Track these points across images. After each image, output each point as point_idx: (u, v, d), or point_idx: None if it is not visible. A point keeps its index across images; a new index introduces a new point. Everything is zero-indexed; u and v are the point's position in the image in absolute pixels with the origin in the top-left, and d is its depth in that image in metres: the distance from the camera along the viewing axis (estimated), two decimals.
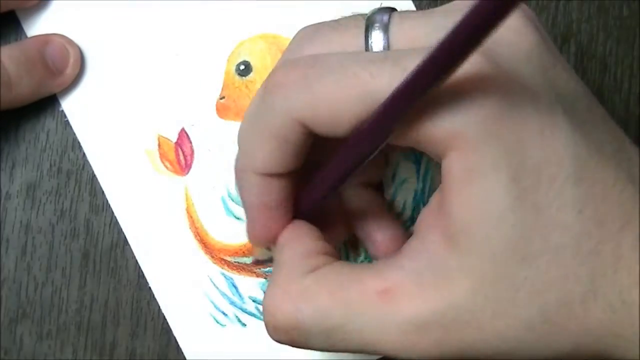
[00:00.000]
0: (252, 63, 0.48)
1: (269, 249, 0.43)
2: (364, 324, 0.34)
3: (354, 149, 0.34)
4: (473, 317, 0.32)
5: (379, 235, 0.44)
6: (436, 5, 0.41)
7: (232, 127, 0.48)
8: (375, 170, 0.45)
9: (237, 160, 0.39)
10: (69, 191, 0.49)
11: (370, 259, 0.47)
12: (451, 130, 0.31)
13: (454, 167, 0.32)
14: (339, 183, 0.37)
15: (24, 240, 0.49)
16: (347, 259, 0.48)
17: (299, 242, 0.38)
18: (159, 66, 0.48)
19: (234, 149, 0.47)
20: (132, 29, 0.48)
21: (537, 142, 0.31)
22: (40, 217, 0.49)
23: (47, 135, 0.49)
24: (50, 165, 0.49)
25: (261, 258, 0.48)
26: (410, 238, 0.36)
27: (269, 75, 0.36)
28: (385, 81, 0.32)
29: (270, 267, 0.48)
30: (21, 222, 0.49)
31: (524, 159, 0.31)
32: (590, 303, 0.32)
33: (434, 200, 0.35)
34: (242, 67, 0.48)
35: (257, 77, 0.48)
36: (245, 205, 0.39)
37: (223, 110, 0.48)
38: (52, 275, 0.49)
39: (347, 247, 0.48)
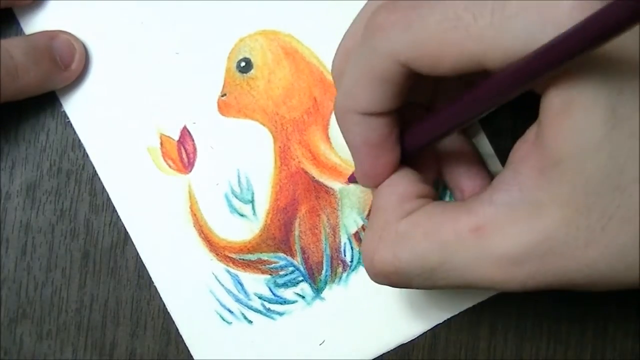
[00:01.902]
0: (252, 60, 0.48)
1: None
2: (460, 262, 0.35)
3: (492, 93, 0.34)
4: (566, 247, 0.33)
5: (467, 182, 0.44)
6: None
7: (234, 124, 0.48)
8: None
9: (338, 101, 0.39)
10: (69, 191, 0.49)
11: None
12: None
13: (553, 100, 0.32)
14: (460, 126, 0.37)
15: (24, 240, 0.49)
16: (352, 252, 0.48)
17: (395, 186, 0.39)
18: (159, 65, 0.48)
19: (236, 146, 0.47)
20: (131, 28, 0.49)
21: (636, 71, 0.31)
22: (40, 217, 0.49)
23: (47, 135, 0.49)
24: (50, 165, 0.49)
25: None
26: (501, 172, 0.36)
27: (370, 18, 0.36)
28: (486, 22, 0.32)
29: (274, 264, 0.48)
30: (21, 222, 0.49)
31: (622, 87, 0.31)
32: None
33: (528, 134, 0.35)
34: (242, 64, 0.48)
35: (258, 74, 0.48)
36: (350, 146, 0.40)
37: (225, 107, 0.48)
38: (52, 275, 0.49)
39: (352, 241, 0.48)
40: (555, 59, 0.30)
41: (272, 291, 0.48)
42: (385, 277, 0.38)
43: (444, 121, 0.38)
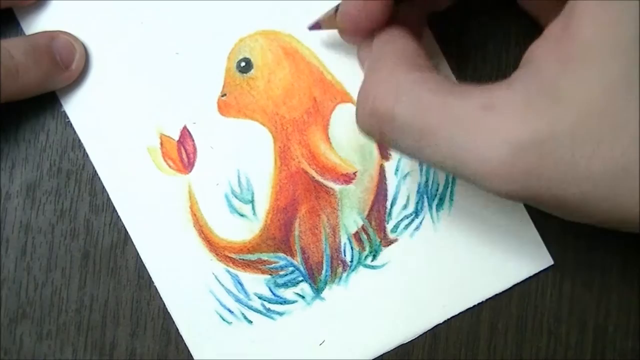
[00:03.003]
0: (252, 60, 0.48)
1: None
2: (460, 132, 0.33)
3: None
4: (571, 151, 0.31)
5: None
6: None
7: (234, 124, 0.48)
8: None
9: None
10: (69, 191, 0.49)
11: (375, 253, 0.48)
12: None
13: None
14: None
15: (24, 240, 0.49)
16: (352, 252, 0.48)
17: (405, 41, 0.38)
18: (159, 65, 0.49)
19: (236, 146, 0.48)
20: (131, 29, 0.49)
21: None
22: (40, 217, 0.49)
23: (47, 135, 0.49)
24: (50, 165, 0.49)
25: (325, 27, 0.46)
26: (518, 68, 0.34)
27: None
28: None
29: (274, 264, 0.48)
30: (21, 222, 0.49)
31: None
32: None
33: (550, 30, 0.34)
34: (242, 64, 0.48)
35: (258, 74, 0.48)
36: None
37: (225, 107, 0.48)
38: (52, 275, 0.49)
39: (352, 241, 0.48)
40: None
41: (272, 291, 0.48)
42: (379, 120, 0.35)
43: None
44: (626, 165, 0.31)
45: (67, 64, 0.47)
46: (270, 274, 0.48)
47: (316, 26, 0.46)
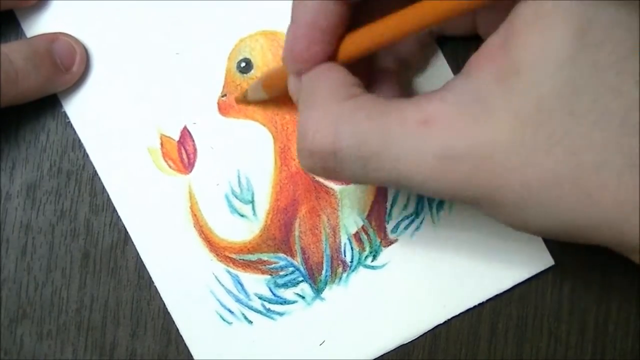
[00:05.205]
0: (252, 60, 0.48)
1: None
2: (400, 152, 0.34)
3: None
4: (506, 158, 0.32)
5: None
6: None
7: (235, 125, 0.48)
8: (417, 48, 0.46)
9: None
10: (69, 191, 0.49)
11: (375, 253, 0.48)
12: None
13: (526, 10, 0.32)
14: (413, 32, 0.37)
15: (24, 240, 0.49)
16: (352, 252, 0.48)
17: (336, 72, 0.38)
18: (160, 65, 0.48)
19: (237, 147, 0.48)
20: (132, 29, 0.49)
21: (613, 2, 0.31)
22: (40, 217, 0.49)
23: (47, 135, 0.49)
24: (50, 165, 0.49)
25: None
26: (455, 77, 0.36)
27: None
28: None
29: (274, 264, 0.48)
30: (21, 222, 0.49)
31: (597, 15, 0.31)
32: (626, 177, 0.31)
33: (489, 43, 0.35)
34: (243, 64, 0.48)
35: (258, 74, 0.48)
36: (294, 22, 0.39)
37: (225, 107, 0.48)
38: (52, 275, 0.49)
39: (352, 241, 0.48)
40: None
41: (272, 291, 0.48)
42: (322, 158, 0.36)
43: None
44: (559, 176, 0.32)
45: (67, 66, 0.47)
46: (270, 274, 0.48)
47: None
